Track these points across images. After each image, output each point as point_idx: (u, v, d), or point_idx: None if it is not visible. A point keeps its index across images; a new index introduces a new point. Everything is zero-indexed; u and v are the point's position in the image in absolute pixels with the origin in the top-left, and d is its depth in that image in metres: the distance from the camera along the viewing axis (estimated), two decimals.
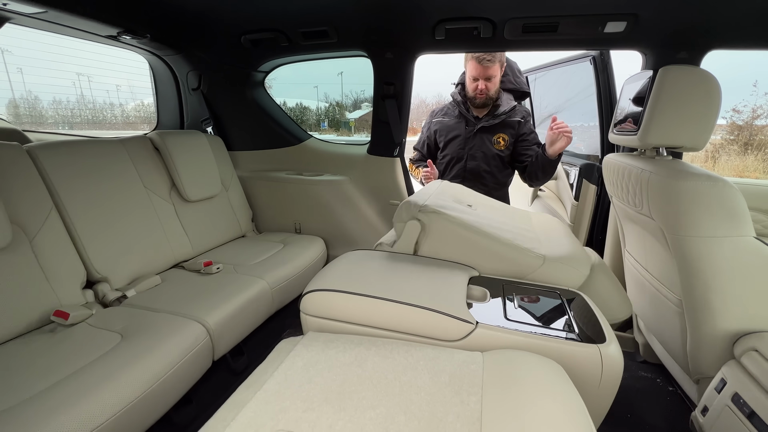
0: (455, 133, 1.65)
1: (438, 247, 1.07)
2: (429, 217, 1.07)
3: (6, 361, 0.84)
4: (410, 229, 1.08)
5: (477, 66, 1.51)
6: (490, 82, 1.54)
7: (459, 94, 1.66)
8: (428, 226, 1.07)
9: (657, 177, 0.90)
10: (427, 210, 1.07)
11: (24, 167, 1.05)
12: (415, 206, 1.09)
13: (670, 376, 1.28)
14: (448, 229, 1.06)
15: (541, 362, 0.65)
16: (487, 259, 1.03)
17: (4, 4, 1.07)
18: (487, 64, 1.49)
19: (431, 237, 1.07)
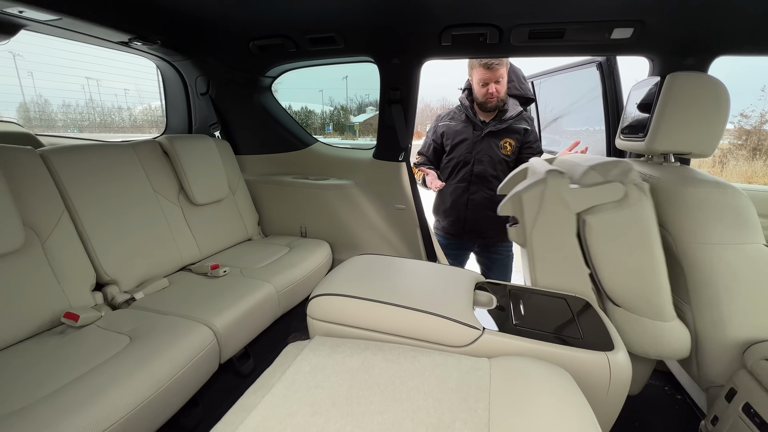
0: (462, 137, 1.65)
1: (611, 230, 0.88)
2: (641, 197, 0.86)
3: (18, 362, 0.85)
4: (609, 190, 0.88)
5: (485, 71, 1.52)
6: (499, 84, 1.55)
7: (466, 99, 1.67)
8: (631, 205, 0.87)
9: (664, 183, 0.90)
10: (645, 189, 0.88)
11: (37, 171, 1.07)
12: (635, 175, 0.90)
13: (678, 385, 1.26)
14: (645, 225, 0.86)
15: (549, 369, 0.65)
16: (636, 281, 0.90)
17: (20, 11, 1.09)
18: (495, 67, 1.51)
19: (620, 216, 0.87)
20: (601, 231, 0.89)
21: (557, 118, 2.59)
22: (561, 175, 0.93)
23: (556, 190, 0.92)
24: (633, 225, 0.87)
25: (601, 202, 0.89)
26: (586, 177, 0.92)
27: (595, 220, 0.89)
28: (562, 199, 0.92)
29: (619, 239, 0.88)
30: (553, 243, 0.95)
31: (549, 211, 0.94)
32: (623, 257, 0.88)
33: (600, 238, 0.90)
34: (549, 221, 0.94)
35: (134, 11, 1.27)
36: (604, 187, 0.89)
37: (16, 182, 0.99)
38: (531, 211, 0.96)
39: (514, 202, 1.00)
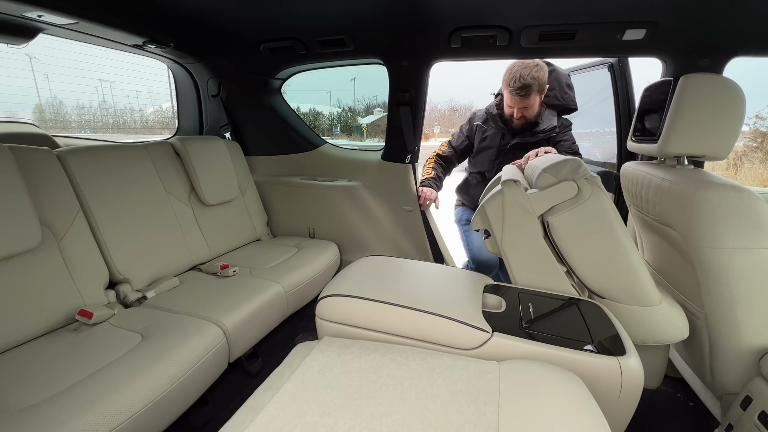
0: (488, 143, 1.63)
1: (573, 226, 0.91)
2: (594, 190, 0.90)
3: (33, 358, 0.87)
4: (562, 189, 0.91)
5: (511, 98, 1.48)
6: (528, 110, 1.50)
7: (496, 107, 1.61)
8: (585, 199, 0.90)
9: (678, 187, 0.88)
10: (596, 182, 0.92)
11: (54, 171, 1.09)
12: (584, 170, 0.94)
13: (691, 391, 1.24)
14: (603, 216, 0.88)
15: (559, 374, 0.64)
16: (609, 269, 0.91)
17: (39, 15, 1.12)
18: (520, 98, 1.45)
19: (578, 211, 0.90)
20: (564, 229, 0.92)
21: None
22: (515, 183, 0.97)
23: (513, 199, 0.96)
24: (592, 218, 0.90)
25: (558, 202, 0.92)
26: (541, 180, 0.96)
27: (557, 219, 0.92)
28: (521, 205, 0.95)
29: (582, 234, 0.91)
30: (524, 248, 0.98)
31: (512, 219, 0.97)
32: (591, 250, 0.91)
33: (565, 235, 0.93)
34: (515, 228, 0.97)
35: (148, 15, 1.30)
36: (558, 187, 0.92)
37: (33, 182, 1.02)
38: (496, 222, 1.00)
39: (481, 215, 1.04)
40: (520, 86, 1.43)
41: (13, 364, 0.85)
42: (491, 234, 1.04)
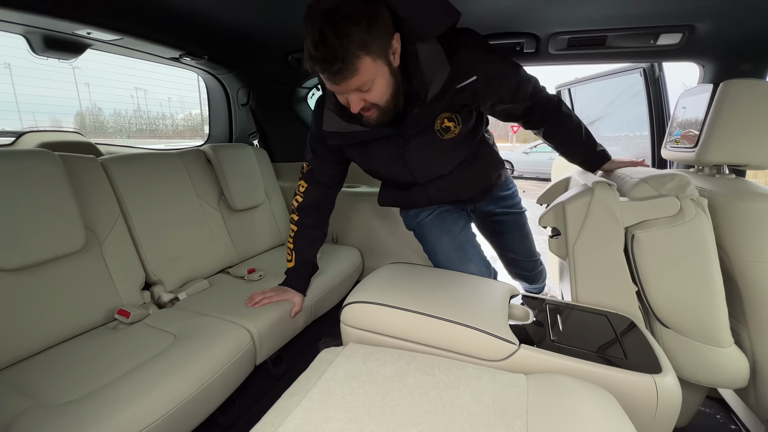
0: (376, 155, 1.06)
1: (663, 246, 0.84)
2: (698, 213, 0.82)
3: (75, 355, 0.92)
4: (663, 204, 0.83)
5: (326, 79, 0.80)
6: (369, 93, 0.81)
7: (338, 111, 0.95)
8: (686, 221, 0.82)
9: (719, 197, 0.85)
10: (701, 204, 0.84)
11: (98, 178, 1.16)
12: (692, 189, 0.84)
13: (732, 414, 1.17)
14: (699, 243, 0.81)
15: (590, 390, 0.62)
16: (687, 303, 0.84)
17: (88, 32, 1.20)
18: (338, 80, 0.77)
19: (673, 232, 0.82)
20: (652, 247, 0.85)
21: (593, 122, 2.50)
22: (609, 186, 0.89)
23: (603, 202, 0.88)
24: (688, 242, 0.82)
25: (653, 217, 0.85)
26: (638, 190, 0.88)
27: (646, 235, 0.85)
28: (610, 211, 0.87)
29: (672, 257, 0.83)
30: (598, 257, 0.91)
31: (595, 223, 0.89)
32: (676, 276, 0.84)
33: (651, 254, 0.85)
34: (594, 234, 0.90)
35: (185, 30, 1.37)
36: (658, 201, 0.84)
37: (79, 188, 1.09)
38: (575, 223, 0.92)
39: (557, 212, 0.97)
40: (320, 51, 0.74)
41: (57, 360, 0.90)
42: (561, 234, 0.97)
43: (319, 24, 0.74)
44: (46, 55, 1.27)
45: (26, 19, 1.07)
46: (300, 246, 1.21)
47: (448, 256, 1.17)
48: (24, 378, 0.83)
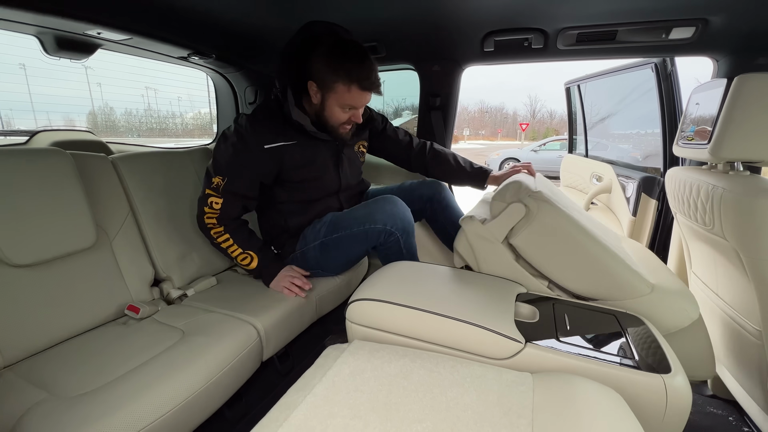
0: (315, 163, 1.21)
1: (536, 242, 0.95)
2: (540, 205, 0.94)
3: (87, 348, 0.94)
4: (512, 212, 0.97)
5: (364, 95, 1.09)
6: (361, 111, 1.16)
7: (304, 111, 1.15)
8: (535, 215, 0.94)
9: (732, 194, 0.83)
10: (539, 197, 0.95)
11: (109, 176, 1.18)
12: (525, 189, 0.98)
13: (745, 415, 1.14)
14: (557, 225, 0.93)
15: (598, 389, 0.61)
16: (584, 272, 0.92)
17: (99, 32, 1.22)
18: (378, 89, 1.11)
19: (533, 228, 0.94)
20: (528, 247, 0.97)
21: (603, 120, 2.46)
22: (471, 219, 1.03)
23: (474, 234, 1.02)
24: (548, 231, 0.94)
25: (513, 224, 0.98)
26: (493, 208, 1.03)
27: (519, 240, 0.97)
28: (483, 238, 1.01)
29: (546, 247, 0.95)
30: (502, 274, 1.02)
31: (481, 251, 1.02)
32: (561, 260, 0.94)
33: (533, 252, 0.96)
34: (487, 259, 1.01)
35: (194, 29, 1.38)
36: (508, 210, 0.99)
37: (90, 186, 1.11)
38: (471, 258, 1.04)
39: (456, 255, 1.08)
40: (373, 74, 1.07)
41: (69, 353, 0.92)
42: (472, 269, 1.08)
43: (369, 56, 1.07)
44: (58, 56, 1.29)
45: (38, 20, 1.09)
46: (246, 241, 1.21)
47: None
48: (37, 371, 0.85)
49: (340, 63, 1.04)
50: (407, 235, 1.16)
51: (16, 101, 25.33)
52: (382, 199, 1.20)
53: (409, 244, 1.18)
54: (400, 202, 1.19)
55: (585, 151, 2.56)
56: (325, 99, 1.11)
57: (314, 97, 1.12)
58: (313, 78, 1.09)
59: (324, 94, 1.10)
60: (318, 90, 1.10)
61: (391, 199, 1.19)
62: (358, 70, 1.04)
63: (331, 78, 1.06)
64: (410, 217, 1.18)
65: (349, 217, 1.21)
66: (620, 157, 2.14)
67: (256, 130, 1.11)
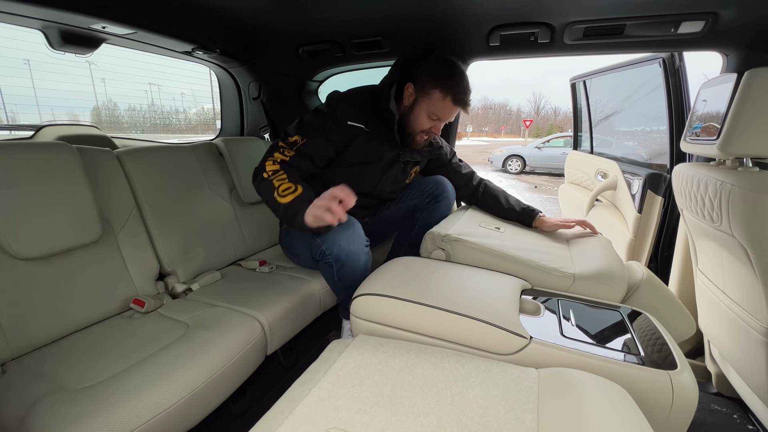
0: (371, 156, 1.27)
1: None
2: (452, 245, 1.12)
3: (92, 342, 0.95)
4: (437, 256, 1.14)
5: (454, 109, 1.18)
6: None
7: (396, 108, 1.19)
8: (452, 255, 1.13)
9: (742, 191, 0.82)
10: (449, 239, 1.13)
11: (114, 171, 1.18)
12: (438, 236, 1.15)
13: (749, 413, 1.14)
14: (471, 256, 1.10)
15: (603, 385, 0.61)
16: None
17: (103, 27, 1.22)
18: (467, 109, 1.21)
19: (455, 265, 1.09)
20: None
21: (608, 116, 2.44)
22: (431, 235, 1.19)
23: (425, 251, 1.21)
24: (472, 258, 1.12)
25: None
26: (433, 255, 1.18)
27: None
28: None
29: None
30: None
31: None
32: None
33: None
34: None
35: (197, 24, 1.38)
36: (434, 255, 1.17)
37: (96, 180, 1.11)
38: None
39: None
40: (467, 94, 1.19)
41: (75, 346, 0.93)
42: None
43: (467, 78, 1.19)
44: (63, 50, 1.29)
45: (43, 14, 1.09)
46: (299, 179, 1.12)
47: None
48: (44, 363, 0.86)
49: (443, 74, 1.15)
50: (340, 264, 1.12)
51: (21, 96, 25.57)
52: (350, 220, 1.15)
53: (342, 273, 1.14)
54: (354, 230, 1.14)
55: (590, 147, 2.54)
56: (417, 102, 1.19)
57: (407, 98, 1.20)
58: (413, 80, 1.18)
59: (418, 97, 1.18)
60: (413, 93, 1.19)
61: (349, 223, 1.14)
62: (457, 85, 1.15)
63: (430, 84, 1.15)
64: (356, 249, 1.12)
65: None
66: (625, 155, 2.13)
67: (346, 107, 1.20)
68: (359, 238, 1.15)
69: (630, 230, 1.68)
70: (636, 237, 1.64)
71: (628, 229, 1.70)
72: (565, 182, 2.55)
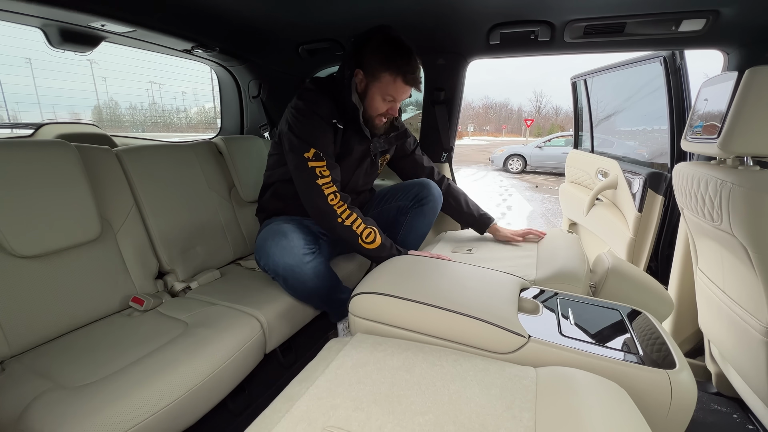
0: (349, 152, 1.25)
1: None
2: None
3: (92, 340, 0.95)
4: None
5: (406, 88, 1.15)
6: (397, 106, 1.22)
7: (359, 100, 1.17)
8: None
9: (742, 189, 0.81)
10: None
11: (113, 169, 1.18)
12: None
13: (749, 413, 1.14)
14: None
15: (602, 384, 0.61)
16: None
17: (103, 25, 1.22)
18: (418, 87, 1.17)
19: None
20: None
21: (610, 116, 2.43)
22: None
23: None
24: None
25: None
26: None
27: None
28: None
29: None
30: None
31: None
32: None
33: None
34: None
35: (197, 22, 1.38)
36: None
37: (95, 178, 1.11)
38: None
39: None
40: (417, 71, 1.15)
41: (74, 344, 0.93)
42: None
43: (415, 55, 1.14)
44: (63, 48, 1.29)
45: (42, 12, 1.09)
46: (363, 218, 1.17)
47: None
48: (43, 361, 0.86)
49: (390, 56, 1.11)
50: (282, 279, 1.14)
51: (23, 95, 25.67)
52: (282, 233, 1.13)
53: (291, 286, 1.15)
54: (286, 242, 1.11)
55: (591, 147, 2.53)
56: (369, 88, 1.15)
57: (359, 85, 1.16)
58: (361, 66, 1.14)
59: (369, 83, 1.15)
60: (364, 78, 1.15)
61: (281, 234, 1.12)
62: (405, 65, 1.11)
63: (379, 68, 1.12)
64: (292, 261, 1.09)
65: (260, 236, 1.22)
66: (626, 155, 2.12)
67: (324, 103, 1.16)
68: (293, 249, 1.09)
69: (630, 229, 1.67)
70: (636, 236, 1.64)
71: (628, 229, 1.70)
72: (566, 181, 2.54)
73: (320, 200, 1.11)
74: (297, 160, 1.13)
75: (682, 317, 1.40)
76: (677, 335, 1.42)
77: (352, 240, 1.14)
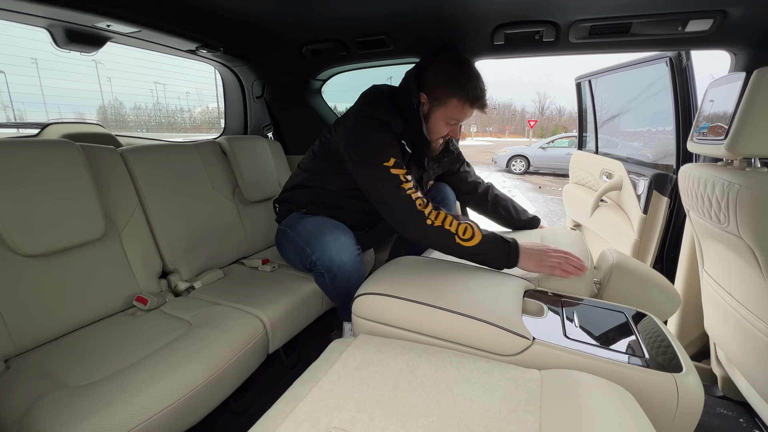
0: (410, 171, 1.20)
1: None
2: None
3: (95, 339, 0.95)
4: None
5: (472, 111, 1.13)
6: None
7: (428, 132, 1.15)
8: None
9: (750, 191, 0.80)
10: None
11: (118, 168, 1.19)
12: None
13: (756, 417, 1.12)
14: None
15: (607, 387, 0.60)
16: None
17: (108, 25, 1.22)
18: (485, 110, 1.16)
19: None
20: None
21: (614, 117, 2.41)
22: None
23: None
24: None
25: None
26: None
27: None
28: None
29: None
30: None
31: None
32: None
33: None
34: None
35: (202, 22, 1.38)
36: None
37: (100, 178, 1.11)
38: None
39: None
40: (485, 95, 1.13)
41: (77, 344, 0.93)
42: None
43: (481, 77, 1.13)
44: (69, 48, 1.30)
45: (48, 12, 1.10)
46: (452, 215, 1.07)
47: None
48: (46, 360, 0.86)
49: (458, 78, 1.07)
50: (332, 274, 1.13)
51: (29, 95, 25.94)
52: (337, 229, 1.15)
53: (335, 283, 1.14)
54: (344, 240, 1.13)
55: (595, 148, 2.52)
56: (432, 111, 1.12)
57: (422, 107, 1.12)
58: (425, 90, 1.10)
59: (433, 107, 1.11)
60: (427, 102, 1.11)
61: (339, 232, 1.14)
62: (473, 89, 1.08)
63: (446, 92, 1.08)
64: (347, 259, 1.11)
65: (307, 229, 1.19)
66: (631, 156, 2.11)
67: (396, 123, 1.11)
68: (350, 247, 1.13)
69: (635, 231, 1.66)
70: (641, 238, 1.63)
71: (633, 230, 1.68)
72: (570, 182, 2.53)
73: (408, 206, 1.02)
74: (375, 169, 1.05)
75: (687, 320, 1.39)
76: (683, 338, 1.41)
77: (449, 241, 1.01)
